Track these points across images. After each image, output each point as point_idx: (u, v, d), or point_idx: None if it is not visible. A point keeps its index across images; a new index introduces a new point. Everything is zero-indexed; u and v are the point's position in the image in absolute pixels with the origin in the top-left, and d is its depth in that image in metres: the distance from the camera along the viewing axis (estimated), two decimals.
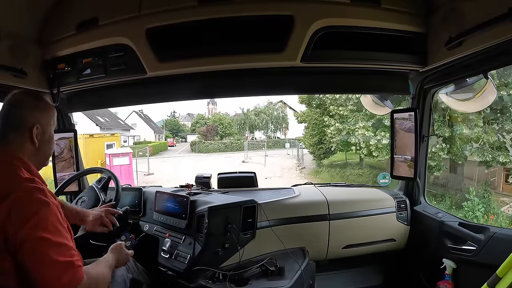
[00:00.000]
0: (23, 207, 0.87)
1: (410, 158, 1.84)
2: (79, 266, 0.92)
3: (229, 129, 30.82)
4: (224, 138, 29.80)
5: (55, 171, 2.05)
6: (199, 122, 33.65)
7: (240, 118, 31.26)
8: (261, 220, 1.71)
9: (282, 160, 19.15)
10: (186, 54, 1.48)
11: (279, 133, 31.77)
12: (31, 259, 0.86)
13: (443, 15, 1.34)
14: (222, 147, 26.69)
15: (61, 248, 0.89)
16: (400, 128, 1.89)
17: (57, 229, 0.90)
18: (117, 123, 26.87)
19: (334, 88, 1.83)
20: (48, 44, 1.59)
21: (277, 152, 22.77)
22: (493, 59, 1.31)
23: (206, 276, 1.47)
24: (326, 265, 1.96)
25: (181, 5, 1.38)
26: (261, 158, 18.35)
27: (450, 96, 1.72)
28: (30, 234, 0.85)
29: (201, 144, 26.92)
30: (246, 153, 20.97)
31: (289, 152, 22.15)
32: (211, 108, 38.31)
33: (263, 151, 21.55)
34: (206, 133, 29.84)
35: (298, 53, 1.42)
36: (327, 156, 14.71)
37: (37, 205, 0.88)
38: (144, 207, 1.93)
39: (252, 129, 30.86)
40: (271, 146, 24.96)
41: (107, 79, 1.62)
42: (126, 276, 1.36)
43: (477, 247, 1.52)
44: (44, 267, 0.86)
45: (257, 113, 30.75)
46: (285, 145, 24.45)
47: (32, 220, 0.86)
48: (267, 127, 30.99)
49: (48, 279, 0.86)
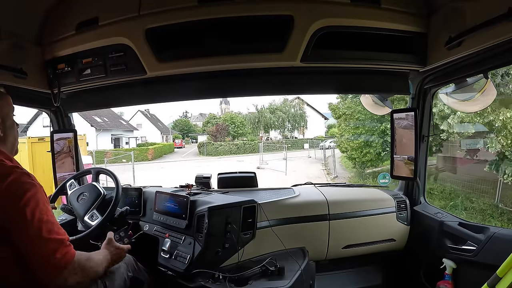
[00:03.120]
0: (15, 189, 0.93)
1: (407, 158, 1.85)
2: (70, 244, 0.99)
3: (241, 129, 28.56)
4: (236, 139, 27.39)
5: (55, 171, 2.05)
6: (210, 122, 31.44)
7: (254, 116, 28.30)
8: (261, 220, 1.71)
9: (305, 165, 15.96)
10: (186, 54, 1.48)
11: (296, 132, 29.39)
12: (25, 236, 0.92)
13: (443, 15, 1.34)
14: (233, 149, 24.18)
15: (53, 226, 0.96)
16: (398, 127, 1.90)
17: (47, 209, 0.97)
18: (117, 124, 25.59)
19: (334, 88, 1.82)
20: (48, 44, 1.59)
21: (297, 154, 19.46)
22: (493, 59, 1.31)
23: (206, 276, 1.47)
24: (326, 265, 1.96)
25: (181, 5, 1.37)
26: (279, 163, 15.43)
27: (450, 96, 1.72)
28: (22, 213, 0.91)
29: (209, 145, 24.51)
30: (261, 156, 17.57)
31: (311, 154, 19.04)
32: (224, 107, 36.93)
33: (280, 153, 18.38)
34: (216, 133, 27.30)
35: (298, 53, 1.42)
36: (376, 163, 10.65)
37: (27, 186, 0.95)
38: (144, 207, 1.93)
39: (267, 128, 28.16)
40: (289, 148, 21.67)
41: (107, 79, 1.62)
42: (126, 274, 1.36)
43: (477, 247, 1.52)
44: (39, 243, 0.92)
45: (273, 110, 28.01)
46: (303, 146, 21.99)
47: (23, 200, 0.92)
48: (284, 126, 28.35)
49: (43, 255, 0.92)
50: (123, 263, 1.38)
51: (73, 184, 1.78)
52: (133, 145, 25.89)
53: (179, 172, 13.80)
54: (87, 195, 1.68)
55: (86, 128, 19.09)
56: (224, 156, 22.51)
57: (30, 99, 1.78)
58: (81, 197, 1.69)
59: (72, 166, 2.08)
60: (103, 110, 22.42)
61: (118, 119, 26.90)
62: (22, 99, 1.71)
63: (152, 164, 18.18)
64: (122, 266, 1.37)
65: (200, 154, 24.13)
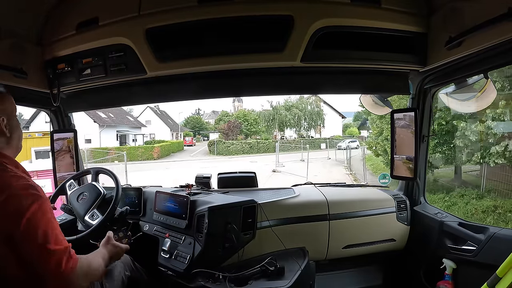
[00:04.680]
0: (20, 201, 0.92)
1: (406, 157, 1.85)
2: (71, 250, 0.99)
3: (255, 127, 27.20)
4: (249, 137, 25.92)
5: (55, 171, 2.05)
6: (223, 120, 29.89)
7: (269, 114, 26.73)
8: (261, 220, 1.71)
9: (326, 168, 14.08)
10: (186, 54, 1.48)
11: (312, 131, 27.82)
12: (32, 249, 0.91)
13: (443, 15, 1.34)
14: (246, 148, 22.69)
15: (58, 236, 0.96)
16: (397, 126, 1.90)
17: (52, 219, 0.98)
18: (124, 120, 24.33)
19: (334, 88, 1.82)
20: (48, 44, 1.59)
21: (315, 155, 17.02)
22: (493, 59, 1.30)
23: (206, 276, 1.47)
24: (326, 265, 1.96)
25: (180, 5, 1.37)
26: (296, 165, 14.05)
27: (450, 96, 1.72)
28: (28, 225, 0.90)
29: (220, 144, 22.89)
30: (277, 156, 15.59)
31: (330, 155, 17.36)
32: (237, 105, 35.74)
33: (297, 154, 16.96)
34: (227, 131, 25.71)
35: (298, 53, 1.42)
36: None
37: (32, 199, 0.94)
38: (144, 207, 1.93)
39: (282, 126, 26.64)
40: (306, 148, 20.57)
41: (107, 79, 1.62)
42: (123, 274, 1.36)
43: (477, 247, 1.52)
44: (46, 255, 0.92)
45: (288, 107, 26.35)
46: (320, 146, 20.35)
47: (28, 212, 0.91)
48: (299, 124, 26.73)
49: (51, 267, 0.92)
50: (120, 263, 1.38)
51: (73, 184, 1.78)
52: (140, 142, 24.68)
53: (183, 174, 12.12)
54: (87, 194, 1.68)
55: (88, 124, 18.27)
56: (236, 156, 21.21)
57: (30, 99, 1.79)
58: (81, 196, 1.69)
59: (72, 166, 2.08)
60: None
61: (125, 115, 25.61)
62: (22, 99, 1.71)
63: (157, 164, 16.89)
64: (119, 266, 1.36)
65: (210, 153, 22.86)
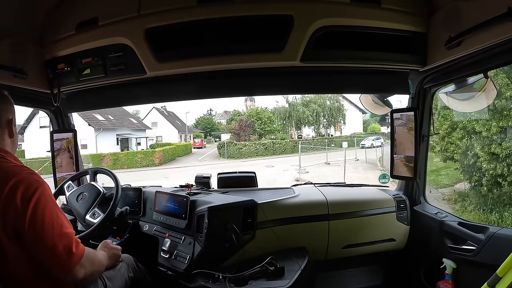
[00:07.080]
0: (25, 188, 0.93)
1: (404, 157, 1.85)
2: (77, 238, 1.01)
3: (269, 125, 24.80)
4: (264, 137, 23.48)
5: (55, 171, 2.05)
6: (234, 119, 27.50)
7: (284, 111, 24.30)
8: (261, 220, 1.71)
9: (359, 173, 11.81)
10: (185, 54, 1.48)
11: (332, 129, 25.60)
12: (41, 234, 0.92)
13: (443, 15, 1.34)
14: (260, 150, 19.93)
15: (64, 220, 0.98)
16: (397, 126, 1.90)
17: (56, 204, 1.00)
18: (125, 123, 22.27)
19: (334, 87, 1.83)
20: (48, 44, 1.59)
21: (339, 155, 13.86)
22: (493, 59, 1.31)
23: (206, 276, 1.47)
24: (326, 265, 1.96)
25: (180, 5, 1.38)
26: (322, 169, 12.18)
27: (450, 95, 1.72)
28: (34, 212, 0.92)
29: (231, 146, 20.18)
30: (300, 160, 13.11)
31: (357, 156, 15.02)
32: (249, 104, 34.29)
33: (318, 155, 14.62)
34: (239, 130, 23.10)
35: (298, 52, 1.42)
36: None
37: (37, 184, 0.96)
38: (144, 207, 1.93)
39: (299, 124, 24.32)
40: (330, 148, 17.86)
41: (107, 79, 1.62)
42: (127, 275, 1.36)
43: (477, 247, 1.52)
44: (57, 239, 0.94)
45: (306, 103, 24.02)
46: (342, 145, 16.67)
47: (34, 198, 0.93)
48: (318, 122, 24.45)
49: (60, 251, 0.93)
50: (124, 264, 1.39)
51: (71, 185, 1.77)
52: (145, 146, 22.77)
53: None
54: (86, 194, 1.68)
55: (82, 128, 16.42)
56: (249, 160, 18.57)
57: (30, 99, 1.79)
58: (81, 196, 1.69)
59: (72, 166, 2.08)
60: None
61: (128, 117, 23.75)
62: (22, 99, 1.71)
63: (156, 172, 14.74)
64: (122, 267, 1.37)
65: (221, 156, 20.26)
